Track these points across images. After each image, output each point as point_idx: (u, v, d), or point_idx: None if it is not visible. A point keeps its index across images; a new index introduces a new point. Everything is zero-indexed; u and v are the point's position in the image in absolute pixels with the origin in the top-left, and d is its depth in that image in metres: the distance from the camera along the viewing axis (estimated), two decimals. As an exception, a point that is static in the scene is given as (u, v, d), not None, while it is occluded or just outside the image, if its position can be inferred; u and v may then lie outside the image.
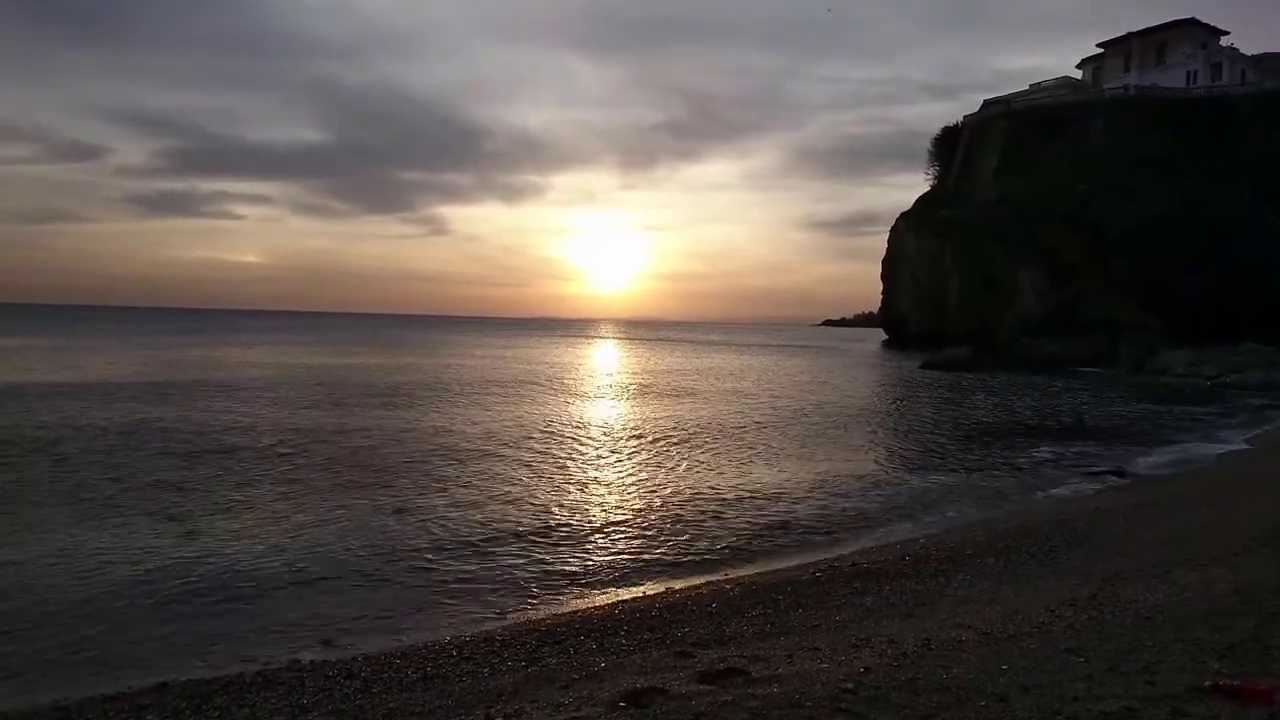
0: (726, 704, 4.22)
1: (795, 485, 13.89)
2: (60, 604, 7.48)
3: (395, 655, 6.26)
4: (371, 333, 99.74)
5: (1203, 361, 44.81)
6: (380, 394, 27.19)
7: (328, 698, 5.37)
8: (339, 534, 10.04)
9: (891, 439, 20.07)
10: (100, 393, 24.21)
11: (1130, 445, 19.94)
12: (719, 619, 7.02)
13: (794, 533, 10.87)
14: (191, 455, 14.93)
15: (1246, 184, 59.93)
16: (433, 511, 11.28)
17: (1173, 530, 10.32)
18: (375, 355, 51.77)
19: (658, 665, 5.53)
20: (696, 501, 12.46)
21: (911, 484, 14.51)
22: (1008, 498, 13.62)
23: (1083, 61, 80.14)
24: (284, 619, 7.27)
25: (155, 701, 5.40)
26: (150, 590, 7.88)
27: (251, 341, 65.47)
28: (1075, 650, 5.22)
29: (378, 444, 16.79)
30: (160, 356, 43.56)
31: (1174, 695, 4.21)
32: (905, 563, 9.08)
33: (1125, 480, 15.29)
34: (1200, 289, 57.51)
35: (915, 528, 11.41)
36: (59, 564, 8.60)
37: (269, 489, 12.40)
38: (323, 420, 20.10)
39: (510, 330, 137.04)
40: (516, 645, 6.40)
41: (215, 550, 9.21)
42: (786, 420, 23.01)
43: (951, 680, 4.56)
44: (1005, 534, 10.53)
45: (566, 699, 4.76)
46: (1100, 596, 7.00)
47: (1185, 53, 70.70)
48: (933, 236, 71.80)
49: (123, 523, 10.28)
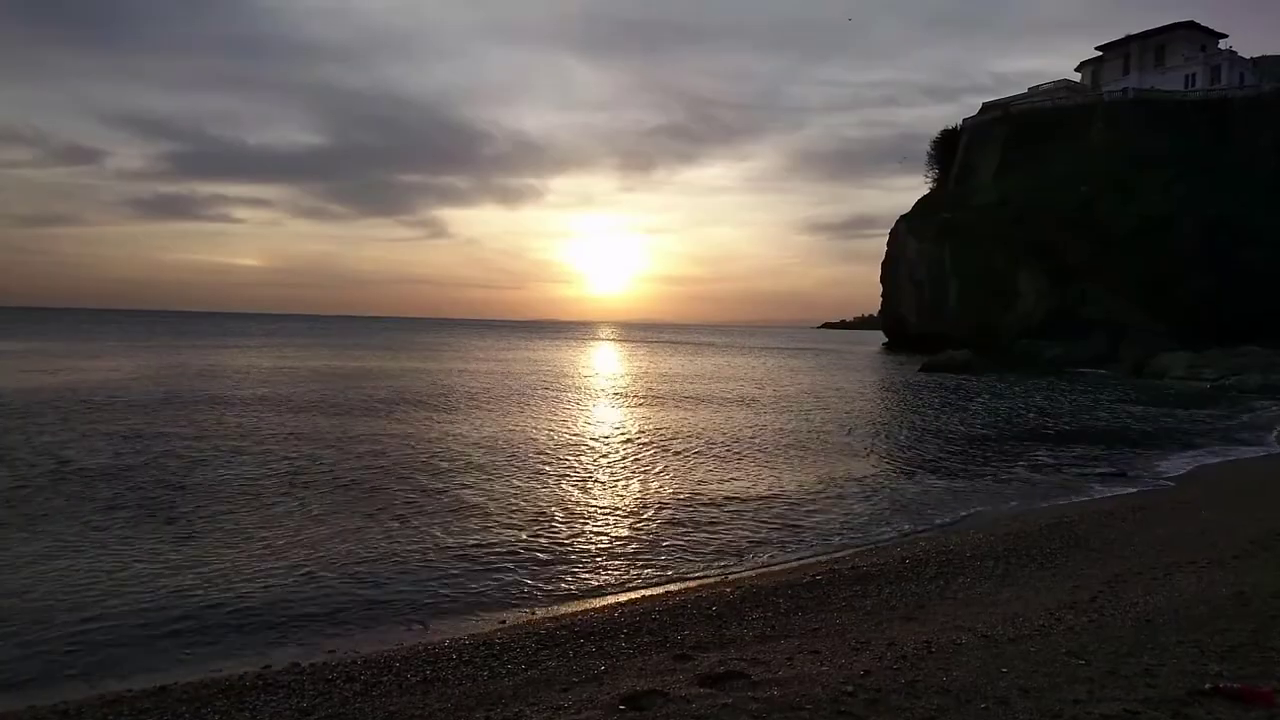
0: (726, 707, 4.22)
1: (794, 488, 13.89)
2: (59, 607, 7.47)
3: (395, 658, 6.26)
4: (371, 336, 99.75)
5: (1203, 364, 44.82)
6: (383, 398, 27.19)
7: (327, 700, 5.37)
8: (339, 537, 10.03)
9: (890, 442, 20.06)
10: (103, 395, 24.21)
11: (1130, 448, 19.93)
12: (719, 622, 7.01)
13: (793, 535, 10.86)
14: (192, 460, 14.92)
15: (1246, 186, 60.00)
16: (433, 515, 11.27)
17: (1172, 533, 10.32)
18: (377, 359, 51.79)
19: (657, 668, 5.53)
20: (695, 504, 12.45)
21: (911, 487, 14.50)
22: (1007, 500, 13.61)
23: (1081, 65, 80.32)
24: (284, 622, 7.26)
25: (155, 705, 5.39)
26: (149, 593, 7.87)
27: (251, 345, 65.46)
28: (1076, 653, 5.22)
29: (380, 448, 16.78)
30: (161, 359, 43.56)
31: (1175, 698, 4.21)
32: (905, 565, 9.08)
33: (1125, 483, 15.29)
34: (1200, 291, 57.56)
35: (915, 531, 11.40)
36: (58, 566, 8.59)
37: (269, 493, 12.39)
38: (324, 425, 20.11)
39: (509, 333, 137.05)
40: (516, 648, 6.40)
41: (215, 553, 9.20)
42: (785, 423, 23.00)
43: (952, 683, 4.56)
44: (1005, 537, 10.53)
45: (566, 702, 4.76)
46: (1101, 599, 7.00)
47: (1184, 55, 70.86)
48: (932, 239, 71.87)
49: (122, 526, 10.27)
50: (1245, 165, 61.27)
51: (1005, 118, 75.19)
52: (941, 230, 71.28)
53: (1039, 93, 77.27)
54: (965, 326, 63.91)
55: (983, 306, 65.26)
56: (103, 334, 77.57)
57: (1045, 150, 69.40)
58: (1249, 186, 59.85)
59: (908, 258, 75.22)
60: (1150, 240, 59.79)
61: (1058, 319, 61.82)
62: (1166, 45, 72.47)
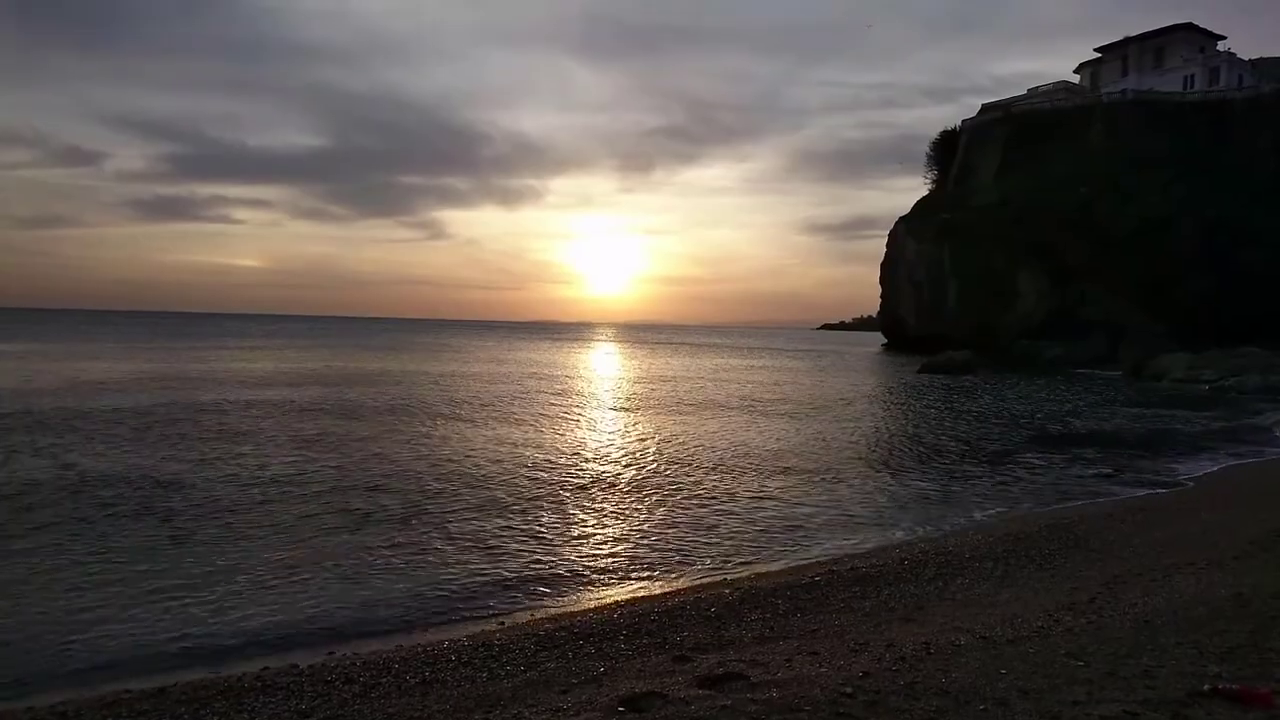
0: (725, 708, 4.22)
1: (792, 489, 13.88)
2: (57, 608, 7.46)
3: (394, 660, 6.25)
4: (372, 337, 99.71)
5: (1202, 365, 44.83)
6: (384, 402, 27.20)
7: (326, 702, 5.37)
8: (339, 540, 10.03)
9: (889, 443, 20.06)
10: (102, 398, 24.21)
11: (1129, 450, 19.94)
12: (717, 623, 7.01)
13: (792, 537, 10.85)
14: (192, 462, 14.92)
15: (1245, 188, 60.06)
16: (432, 519, 11.27)
17: (1171, 535, 10.32)
18: (378, 361, 51.77)
19: (656, 670, 5.53)
20: (694, 506, 12.45)
21: (909, 488, 14.50)
22: (1006, 501, 13.61)
23: (1080, 66, 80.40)
24: (283, 623, 7.26)
25: (154, 706, 5.39)
26: (147, 594, 7.87)
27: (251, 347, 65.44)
28: (1075, 654, 5.22)
29: (380, 451, 16.79)
30: (161, 361, 43.54)
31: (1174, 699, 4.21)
32: (904, 567, 9.08)
33: (1123, 485, 15.29)
34: (1200, 292, 57.63)
35: (913, 532, 11.40)
36: (56, 569, 8.59)
37: (269, 496, 12.39)
38: (325, 428, 20.12)
39: (509, 334, 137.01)
40: (515, 650, 6.40)
41: (213, 554, 9.20)
42: (783, 424, 23.00)
43: (951, 684, 4.56)
44: (1004, 538, 10.53)
45: (565, 703, 4.76)
46: (1099, 600, 7.00)
47: (1183, 57, 70.92)
48: (932, 240, 71.90)
49: (121, 528, 10.27)
50: (1244, 167, 61.34)
51: (1005, 119, 75.26)
52: (941, 231, 71.32)
53: (1038, 94, 77.34)
54: (964, 327, 63.95)
55: (982, 307, 65.31)
56: (102, 335, 77.54)
57: (1045, 151, 69.47)
58: (1248, 188, 59.92)
59: (907, 259, 75.24)
60: (1149, 241, 59.85)
61: (1057, 320, 61.88)
62: (1165, 47, 72.56)
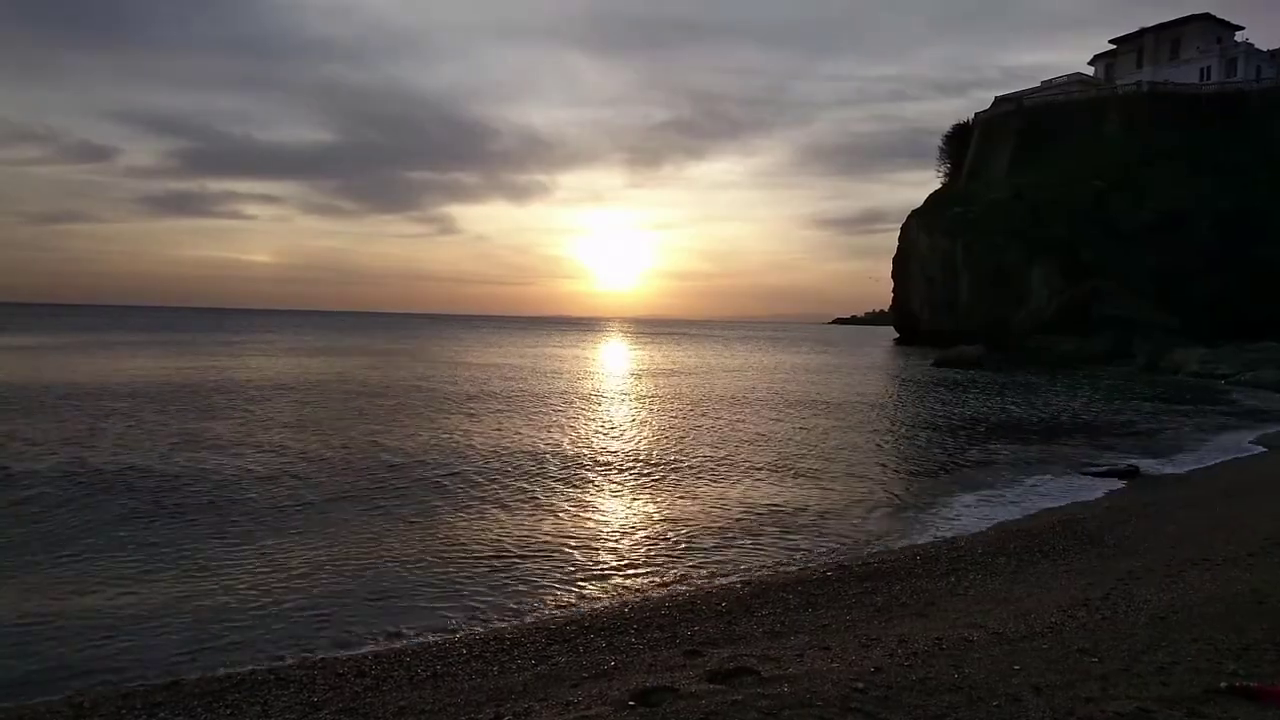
0: (736, 703, 4.21)
1: (805, 485, 13.85)
2: (70, 603, 7.53)
3: (405, 653, 6.28)
4: (383, 332, 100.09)
5: (1217, 360, 44.41)
6: (398, 398, 27.29)
7: (338, 695, 5.39)
8: (351, 536, 10.08)
9: (902, 437, 19.98)
10: (115, 394, 24.41)
11: (1143, 444, 19.79)
12: (729, 618, 7.00)
13: (804, 532, 10.82)
14: (206, 459, 15.01)
15: (1262, 181, 59.33)
16: (445, 515, 11.30)
17: (1186, 530, 10.24)
18: (390, 356, 51.95)
19: (667, 664, 5.52)
20: (705, 502, 12.44)
21: (922, 483, 14.44)
22: (1019, 497, 13.53)
23: (1095, 58, 79.60)
24: (295, 617, 7.29)
25: (168, 698, 5.43)
26: (161, 589, 7.93)
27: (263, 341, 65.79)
28: (1089, 650, 5.18)
29: (395, 446, 16.84)
30: (174, 357, 43.84)
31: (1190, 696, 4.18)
32: (916, 562, 9.04)
33: (1138, 480, 15.17)
34: (1215, 286, 57.02)
35: (926, 527, 11.35)
36: (70, 565, 8.67)
37: (283, 492, 12.46)
38: (340, 423, 20.22)
39: (520, 329, 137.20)
40: (526, 644, 6.41)
41: (226, 550, 9.26)
42: (796, 420, 22.94)
43: (963, 680, 4.53)
44: (1017, 534, 10.48)
45: (576, 697, 4.76)
46: (1113, 596, 6.95)
47: (1199, 48, 70.07)
48: (944, 234, 71.43)
49: (134, 519, 10.35)
50: (1261, 159, 60.58)
51: (1018, 112, 74.64)
52: (953, 225, 70.86)
53: (1052, 86, 76.63)
54: (977, 322, 63.55)
55: (995, 302, 64.84)
56: (114, 330, 78.16)
57: (1058, 144, 68.85)
58: (1265, 181, 59.17)
59: (919, 253, 74.82)
60: (1164, 235, 59.21)
61: (1070, 315, 61.33)
62: (1181, 38, 71.70)
